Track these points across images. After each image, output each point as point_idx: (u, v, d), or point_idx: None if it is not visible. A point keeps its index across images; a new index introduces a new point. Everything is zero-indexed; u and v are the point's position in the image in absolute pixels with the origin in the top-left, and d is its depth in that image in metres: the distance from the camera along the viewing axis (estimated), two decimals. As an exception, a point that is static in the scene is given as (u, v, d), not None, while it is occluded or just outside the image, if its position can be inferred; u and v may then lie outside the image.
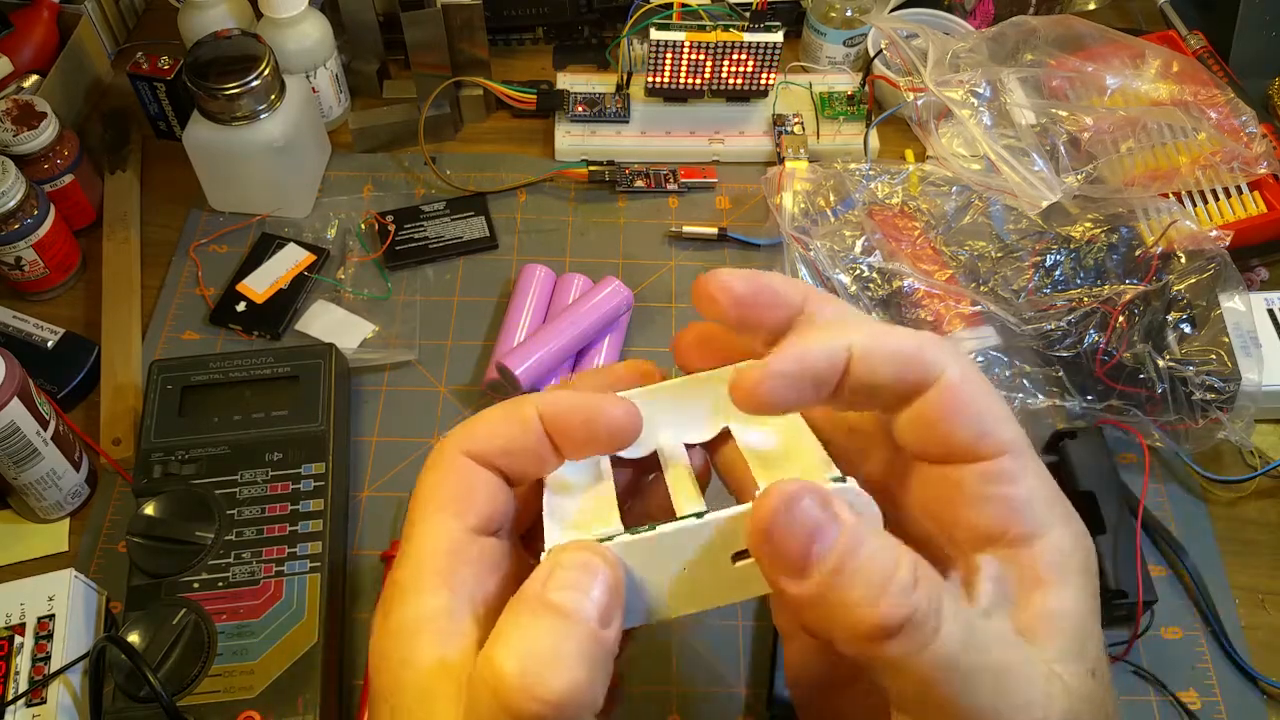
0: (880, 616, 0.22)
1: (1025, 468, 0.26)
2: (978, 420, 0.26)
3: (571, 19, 0.86)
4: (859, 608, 0.22)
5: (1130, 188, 0.69)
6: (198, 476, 0.57)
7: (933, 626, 0.22)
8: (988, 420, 0.26)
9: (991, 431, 0.26)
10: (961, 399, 0.26)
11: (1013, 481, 0.26)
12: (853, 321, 0.28)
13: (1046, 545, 0.26)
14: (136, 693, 0.49)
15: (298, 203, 0.75)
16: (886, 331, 0.27)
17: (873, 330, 0.27)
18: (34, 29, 0.78)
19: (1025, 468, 0.26)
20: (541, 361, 0.63)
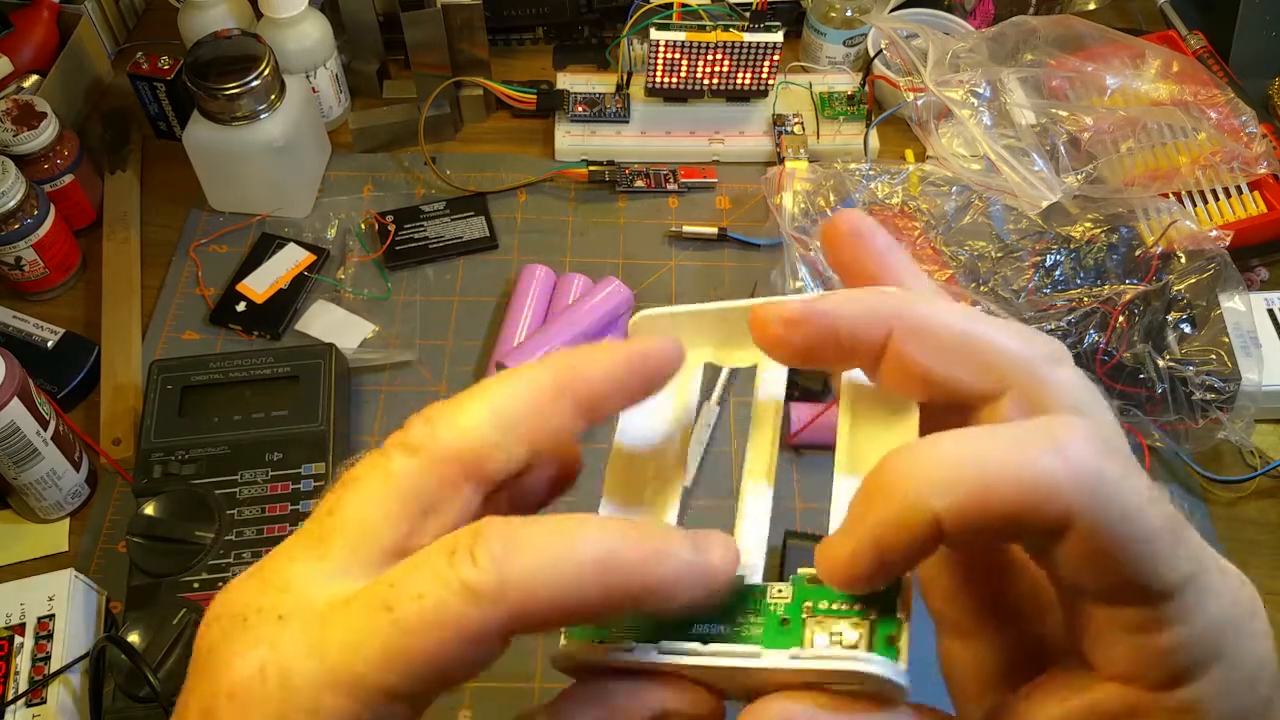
0: None
1: (1179, 610, 0.20)
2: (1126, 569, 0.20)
3: (571, 19, 0.86)
4: None
5: (1130, 188, 0.69)
6: (198, 476, 0.57)
7: None
8: (1135, 566, 0.20)
9: (1143, 583, 0.20)
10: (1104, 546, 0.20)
11: (1157, 630, 0.20)
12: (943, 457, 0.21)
13: (1189, 690, 0.21)
14: (136, 692, 0.49)
15: (298, 203, 0.75)
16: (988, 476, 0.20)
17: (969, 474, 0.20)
18: (34, 29, 0.78)
19: (1179, 610, 0.20)
20: (541, 361, 0.63)
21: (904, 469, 0.20)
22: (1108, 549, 0.20)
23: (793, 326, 0.23)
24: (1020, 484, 0.19)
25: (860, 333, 0.23)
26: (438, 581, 0.20)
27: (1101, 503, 0.19)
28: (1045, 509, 0.19)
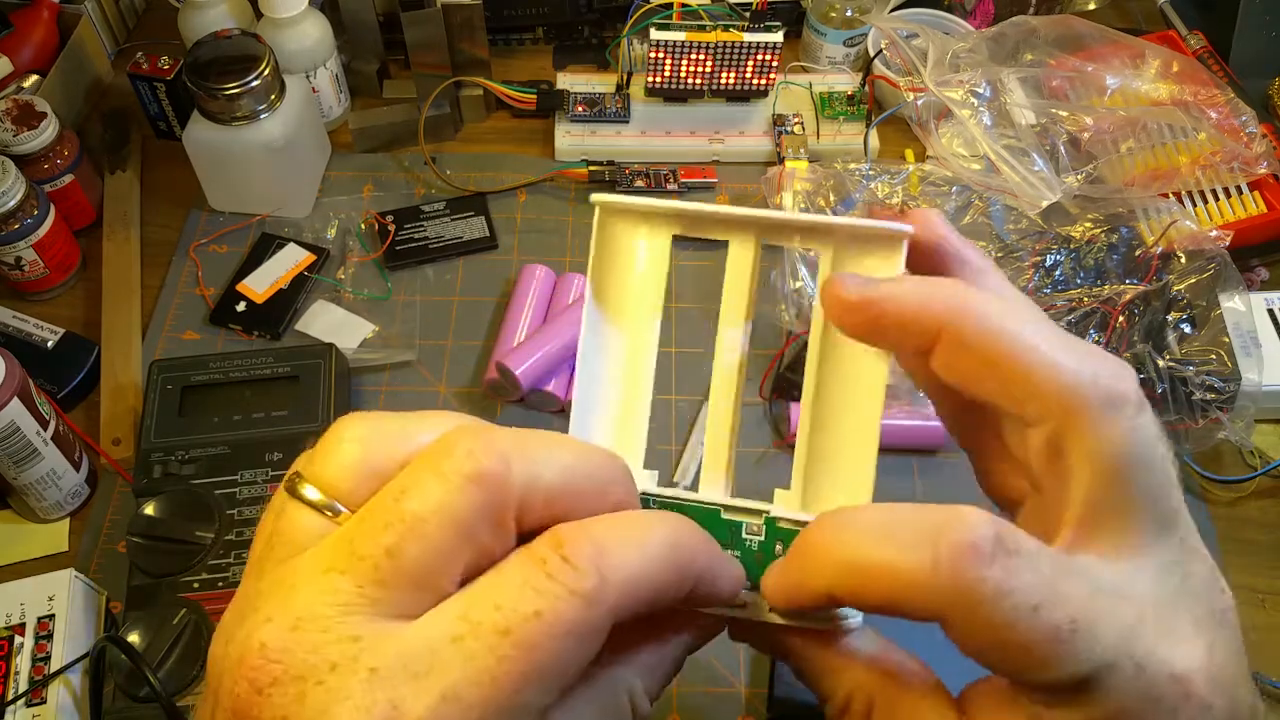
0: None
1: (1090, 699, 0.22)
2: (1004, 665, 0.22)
3: (571, 19, 0.86)
4: None
5: (1130, 188, 0.69)
6: (198, 476, 0.57)
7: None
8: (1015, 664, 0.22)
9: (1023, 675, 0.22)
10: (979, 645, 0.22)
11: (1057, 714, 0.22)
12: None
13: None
14: (136, 693, 0.49)
15: (298, 203, 0.75)
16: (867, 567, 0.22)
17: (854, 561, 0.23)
18: (34, 29, 0.78)
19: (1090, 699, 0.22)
20: (541, 362, 0.63)
21: (812, 544, 0.24)
22: (983, 650, 0.21)
23: (851, 312, 0.25)
24: (893, 583, 0.22)
25: (910, 328, 0.24)
26: (546, 595, 0.20)
27: (963, 614, 0.21)
28: (912, 608, 0.22)
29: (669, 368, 0.67)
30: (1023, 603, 0.21)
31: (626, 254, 0.28)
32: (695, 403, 0.66)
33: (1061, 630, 0.21)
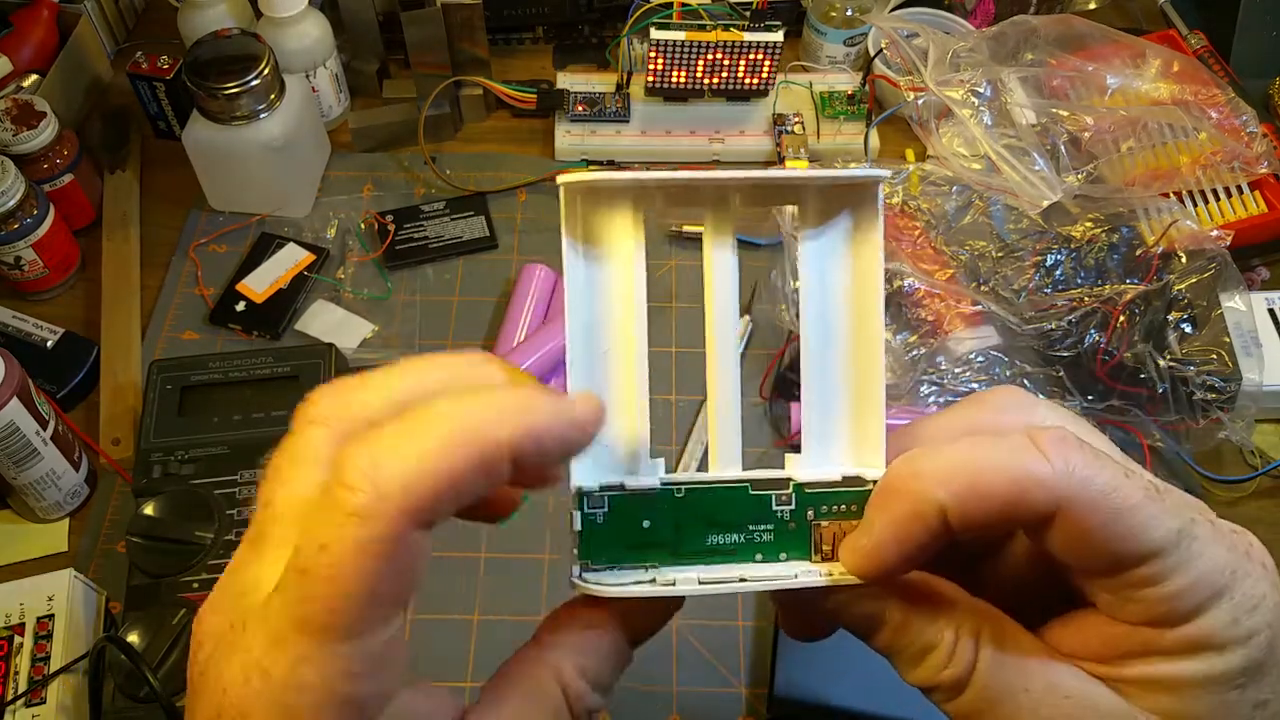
0: (918, 680, 0.26)
1: (1172, 566, 0.23)
2: (1107, 545, 0.23)
3: (571, 18, 0.86)
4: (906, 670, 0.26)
5: (1131, 187, 0.68)
6: (197, 476, 0.56)
7: (959, 690, 0.25)
8: (1118, 539, 0.23)
9: (1125, 549, 0.23)
10: (1085, 530, 0.23)
11: (1153, 585, 0.23)
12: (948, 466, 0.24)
13: (1192, 628, 0.23)
14: (136, 693, 0.49)
15: (297, 202, 0.75)
16: (979, 476, 0.23)
17: (966, 478, 0.23)
18: (34, 28, 0.78)
19: (1172, 566, 0.23)
20: (541, 361, 0.63)
21: (911, 473, 0.24)
22: (1092, 528, 0.23)
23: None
24: (1010, 478, 0.23)
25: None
26: (330, 524, 0.20)
27: (1079, 487, 0.23)
28: (1032, 498, 0.23)
29: (669, 368, 0.67)
30: (1116, 468, 0.23)
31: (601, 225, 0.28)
32: (695, 403, 0.66)
33: (1149, 491, 0.23)
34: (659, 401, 0.64)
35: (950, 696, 0.25)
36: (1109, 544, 0.23)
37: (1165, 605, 0.23)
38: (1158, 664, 0.24)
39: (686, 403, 0.66)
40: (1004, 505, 0.23)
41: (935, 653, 0.25)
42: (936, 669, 0.25)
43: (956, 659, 0.25)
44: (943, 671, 0.25)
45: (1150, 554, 0.23)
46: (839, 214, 0.27)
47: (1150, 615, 0.24)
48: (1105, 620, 0.25)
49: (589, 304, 0.27)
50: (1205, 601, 0.23)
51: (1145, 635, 0.24)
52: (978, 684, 0.25)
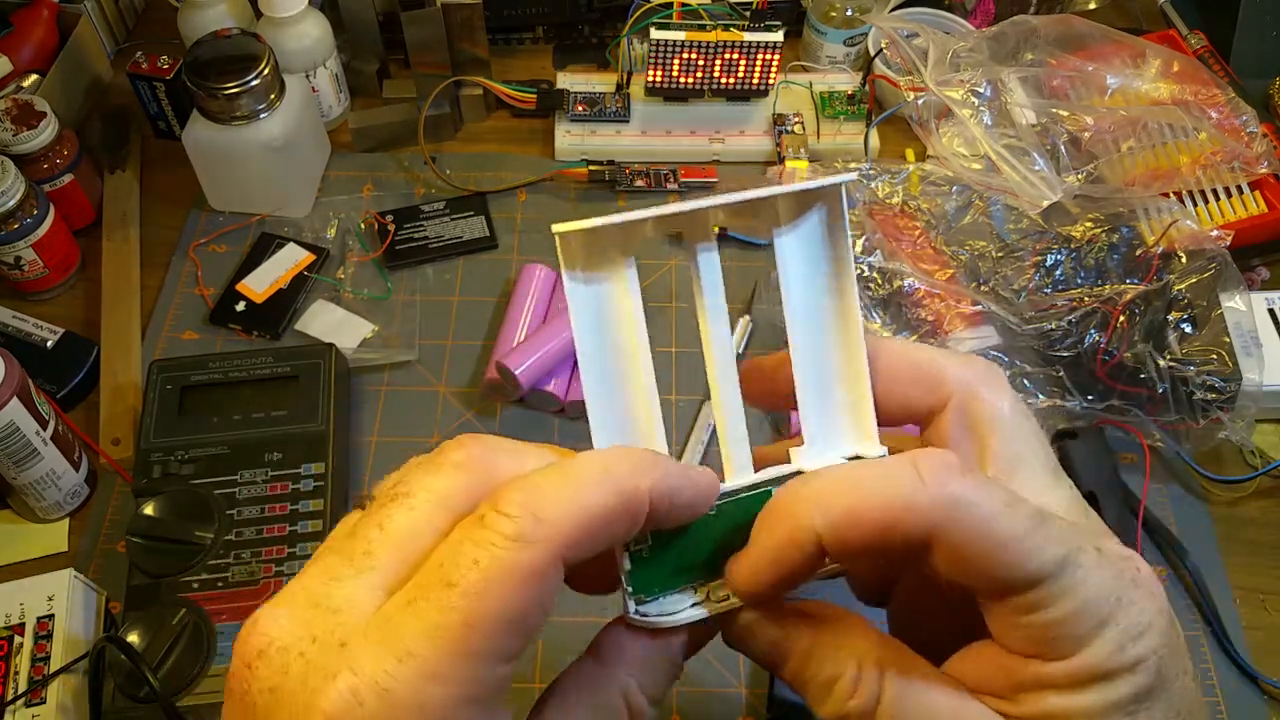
0: (825, 713, 0.26)
1: (1054, 594, 0.23)
2: (985, 570, 0.23)
3: (571, 18, 0.85)
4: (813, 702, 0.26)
5: (1131, 187, 0.68)
6: (197, 476, 0.56)
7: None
8: (997, 566, 0.23)
9: (1003, 576, 0.23)
10: (961, 554, 0.23)
11: (1035, 611, 0.23)
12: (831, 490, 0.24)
13: (1078, 660, 0.24)
14: (136, 693, 0.49)
15: (297, 202, 0.75)
16: (859, 501, 0.24)
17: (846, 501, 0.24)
18: (34, 28, 0.78)
19: (1054, 594, 0.23)
20: (541, 361, 0.63)
21: (790, 497, 0.25)
22: (970, 555, 0.23)
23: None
24: (885, 504, 0.23)
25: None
26: (483, 544, 0.21)
27: (956, 517, 0.23)
28: (905, 525, 0.23)
29: (669, 367, 0.67)
30: (997, 499, 0.23)
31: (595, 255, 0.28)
32: (695, 403, 0.66)
33: (1032, 520, 0.23)
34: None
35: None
36: (989, 570, 0.23)
37: (1050, 633, 0.23)
38: (1050, 698, 0.24)
39: (687, 403, 0.66)
40: (878, 531, 0.23)
41: (840, 683, 0.25)
42: (842, 700, 0.25)
43: (861, 690, 0.25)
44: (849, 702, 0.25)
45: (1031, 581, 0.23)
46: (811, 208, 0.28)
47: (1036, 644, 0.24)
48: (1002, 652, 0.25)
49: (596, 331, 0.28)
50: (1091, 630, 0.23)
51: (1036, 669, 0.24)
52: (883, 717, 0.25)
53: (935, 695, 0.25)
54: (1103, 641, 0.23)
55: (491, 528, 0.21)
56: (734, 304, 0.71)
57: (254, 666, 0.21)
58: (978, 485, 0.23)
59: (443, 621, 0.20)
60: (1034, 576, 0.23)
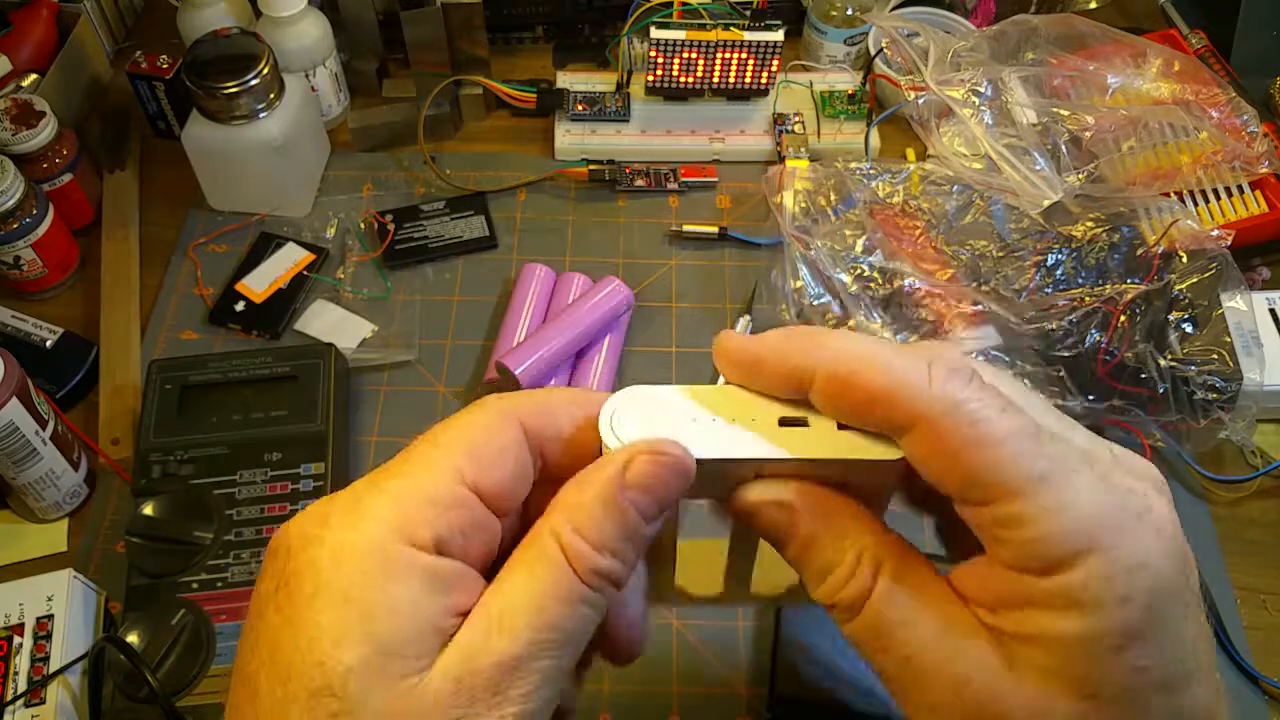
0: (819, 596, 0.27)
1: (1039, 508, 0.23)
2: (968, 468, 0.24)
3: (571, 17, 0.85)
4: (809, 584, 0.27)
5: (1132, 187, 0.68)
6: (196, 476, 0.56)
7: (855, 611, 0.26)
8: (982, 466, 0.24)
9: (987, 479, 0.24)
10: (946, 447, 0.24)
11: (1019, 526, 0.24)
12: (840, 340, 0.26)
13: (1063, 579, 0.23)
14: (136, 693, 0.49)
15: (297, 202, 0.74)
16: (854, 374, 0.25)
17: (843, 373, 0.25)
18: (33, 28, 0.78)
19: (1039, 508, 0.23)
20: (541, 361, 0.63)
21: (809, 339, 0.26)
22: (949, 449, 0.24)
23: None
24: (886, 377, 0.25)
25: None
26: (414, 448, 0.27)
27: (945, 407, 0.24)
28: (896, 400, 0.24)
29: (669, 367, 0.67)
30: (992, 402, 0.24)
31: None
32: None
33: (1023, 431, 0.24)
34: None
35: (847, 618, 0.26)
36: (968, 470, 0.24)
37: (1029, 548, 0.23)
38: (1032, 616, 0.24)
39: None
40: (867, 401, 0.25)
41: (837, 571, 0.26)
42: (835, 589, 0.26)
43: (855, 581, 0.26)
44: (841, 591, 0.26)
45: (1011, 490, 0.23)
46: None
47: (1017, 558, 0.24)
48: (994, 565, 0.25)
49: None
50: (1075, 553, 0.23)
51: (1022, 584, 0.24)
52: (870, 611, 0.26)
53: (924, 597, 0.25)
54: (1087, 568, 0.23)
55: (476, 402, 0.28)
56: (734, 304, 0.71)
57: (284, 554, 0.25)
58: (981, 389, 0.24)
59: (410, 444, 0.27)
60: (1014, 485, 0.23)
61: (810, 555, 0.27)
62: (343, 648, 0.23)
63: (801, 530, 0.27)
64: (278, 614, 0.24)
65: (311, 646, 0.23)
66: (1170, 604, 0.24)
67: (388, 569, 0.24)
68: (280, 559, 0.25)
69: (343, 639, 0.23)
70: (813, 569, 0.27)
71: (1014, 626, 0.24)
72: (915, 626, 0.25)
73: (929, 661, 0.25)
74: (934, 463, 0.24)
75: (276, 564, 0.25)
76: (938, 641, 0.25)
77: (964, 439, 0.24)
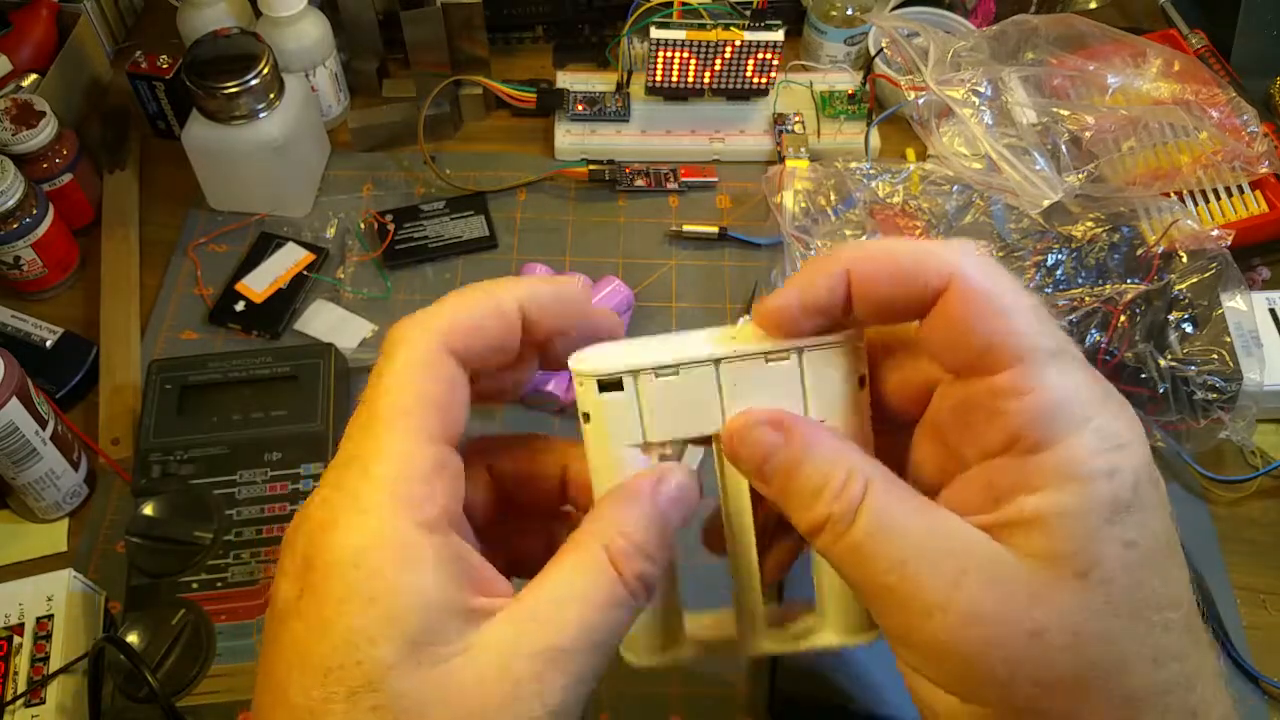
0: (808, 520, 0.27)
1: (1041, 377, 0.25)
2: (985, 332, 0.26)
3: (571, 17, 0.85)
4: (797, 511, 0.28)
5: (1132, 187, 0.68)
6: (196, 476, 0.56)
7: (846, 524, 0.26)
8: (996, 330, 0.25)
9: (999, 343, 0.25)
10: (969, 309, 0.26)
11: (1020, 395, 0.25)
12: (861, 243, 0.29)
13: (1055, 453, 0.25)
14: (135, 693, 0.49)
15: (297, 202, 0.74)
16: (887, 248, 0.27)
17: (874, 248, 0.27)
18: (33, 28, 0.78)
19: (1041, 377, 0.25)
20: (541, 361, 0.63)
21: (829, 251, 0.28)
22: (971, 313, 0.26)
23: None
24: (913, 250, 0.27)
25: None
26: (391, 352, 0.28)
27: (973, 273, 0.26)
28: (926, 266, 0.26)
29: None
30: (1012, 281, 0.26)
31: None
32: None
33: (1035, 309, 0.26)
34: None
35: (835, 537, 0.26)
36: (982, 334, 0.25)
37: (1026, 416, 0.25)
38: (1027, 500, 0.25)
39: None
40: (902, 271, 0.26)
41: (826, 489, 0.27)
42: (826, 503, 0.27)
43: (845, 494, 0.26)
44: (832, 504, 0.26)
45: (1018, 356, 0.25)
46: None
47: (1019, 427, 0.25)
48: (984, 470, 0.26)
49: None
50: (1068, 427, 0.25)
51: (1015, 468, 0.25)
52: (862, 519, 0.26)
53: (915, 506, 0.26)
54: (1081, 439, 0.25)
55: (393, 334, 0.28)
56: (734, 304, 0.71)
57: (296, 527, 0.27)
58: (998, 268, 0.26)
59: (371, 411, 0.27)
60: (1022, 351, 0.25)
61: (799, 477, 0.27)
62: (378, 645, 0.23)
63: (790, 453, 0.28)
64: (302, 620, 0.25)
65: (346, 648, 0.24)
66: (1152, 488, 0.25)
67: (407, 562, 0.25)
68: (299, 564, 0.25)
69: (377, 637, 0.24)
70: (801, 494, 0.27)
71: (1011, 515, 0.25)
72: (908, 534, 0.26)
73: (925, 564, 0.25)
74: (953, 329, 0.26)
75: (295, 569, 0.25)
76: (932, 540, 0.25)
77: (989, 303, 0.25)
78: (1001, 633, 0.24)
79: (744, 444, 0.29)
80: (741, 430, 0.29)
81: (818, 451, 0.28)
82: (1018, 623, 0.24)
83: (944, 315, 0.26)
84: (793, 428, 0.28)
